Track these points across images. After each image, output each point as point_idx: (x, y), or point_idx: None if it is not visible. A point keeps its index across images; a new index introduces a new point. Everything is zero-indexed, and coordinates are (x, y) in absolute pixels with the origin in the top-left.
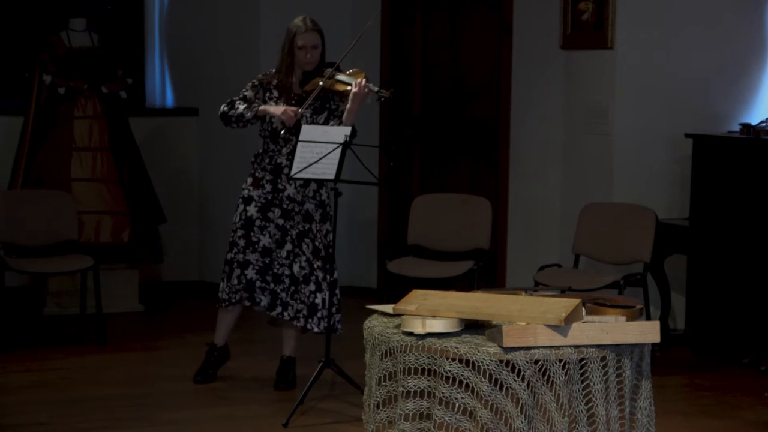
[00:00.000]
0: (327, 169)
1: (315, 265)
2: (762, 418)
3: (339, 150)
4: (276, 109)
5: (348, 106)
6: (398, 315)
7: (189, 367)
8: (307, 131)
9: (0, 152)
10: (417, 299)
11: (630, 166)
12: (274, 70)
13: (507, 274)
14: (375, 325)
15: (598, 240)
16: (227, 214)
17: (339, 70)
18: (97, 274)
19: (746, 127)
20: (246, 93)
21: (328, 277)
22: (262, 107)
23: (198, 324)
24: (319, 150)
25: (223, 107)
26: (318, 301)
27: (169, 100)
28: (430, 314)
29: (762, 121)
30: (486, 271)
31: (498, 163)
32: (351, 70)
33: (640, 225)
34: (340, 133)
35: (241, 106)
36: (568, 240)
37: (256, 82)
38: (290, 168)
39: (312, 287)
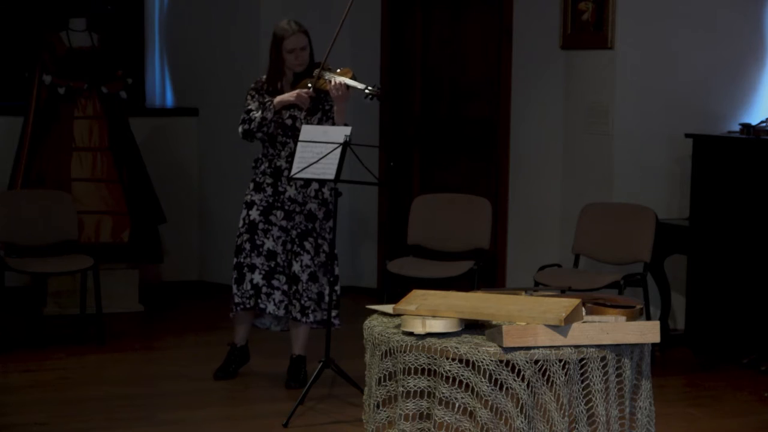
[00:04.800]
0: (327, 169)
1: (317, 262)
2: (762, 418)
3: (339, 150)
4: (290, 96)
5: (335, 108)
6: (398, 315)
7: (189, 367)
8: (307, 131)
9: (0, 152)
10: (417, 299)
11: (630, 166)
12: (264, 77)
13: (507, 274)
14: (375, 325)
15: (598, 240)
16: (227, 214)
17: (328, 69)
18: (97, 274)
19: (746, 127)
20: (251, 105)
21: (329, 274)
22: (277, 99)
23: (198, 324)
24: (319, 150)
25: (242, 126)
26: (326, 297)
27: (169, 100)
28: (430, 314)
29: (762, 121)
30: (486, 271)
31: (498, 163)
32: (339, 69)
33: (640, 225)
34: (340, 133)
35: (258, 114)
36: (568, 240)
37: (253, 92)
38: (290, 169)
39: (321, 284)
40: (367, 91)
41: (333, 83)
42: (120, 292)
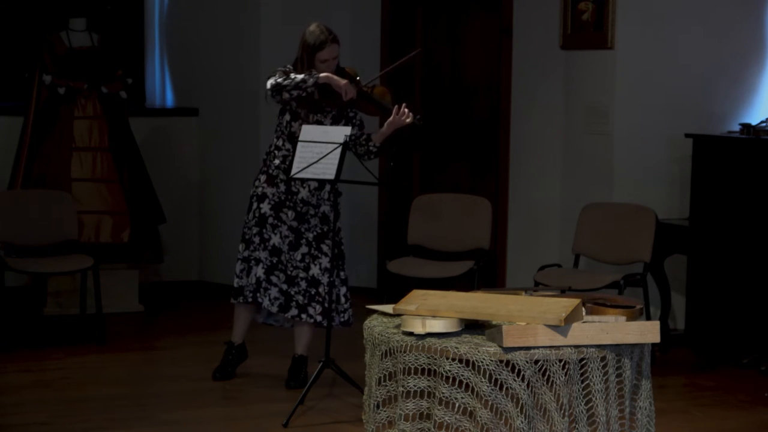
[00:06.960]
0: (327, 169)
1: (334, 264)
2: (762, 418)
3: (339, 150)
4: (340, 80)
5: (383, 130)
6: (398, 315)
7: (189, 367)
8: (307, 131)
9: (0, 152)
10: (417, 299)
11: (630, 166)
12: (290, 67)
13: (507, 274)
14: (375, 325)
15: (598, 240)
16: (227, 214)
17: (359, 82)
18: (97, 274)
19: (746, 127)
20: (288, 67)
21: (342, 273)
22: (324, 74)
23: (198, 324)
24: (319, 150)
25: (276, 78)
26: (342, 297)
27: (169, 100)
28: (430, 314)
29: (762, 121)
30: (486, 271)
31: (498, 163)
32: (376, 86)
33: (640, 225)
34: (340, 133)
35: (299, 75)
36: (568, 240)
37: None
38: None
39: (337, 284)
40: (415, 120)
41: (401, 110)
42: (120, 292)
